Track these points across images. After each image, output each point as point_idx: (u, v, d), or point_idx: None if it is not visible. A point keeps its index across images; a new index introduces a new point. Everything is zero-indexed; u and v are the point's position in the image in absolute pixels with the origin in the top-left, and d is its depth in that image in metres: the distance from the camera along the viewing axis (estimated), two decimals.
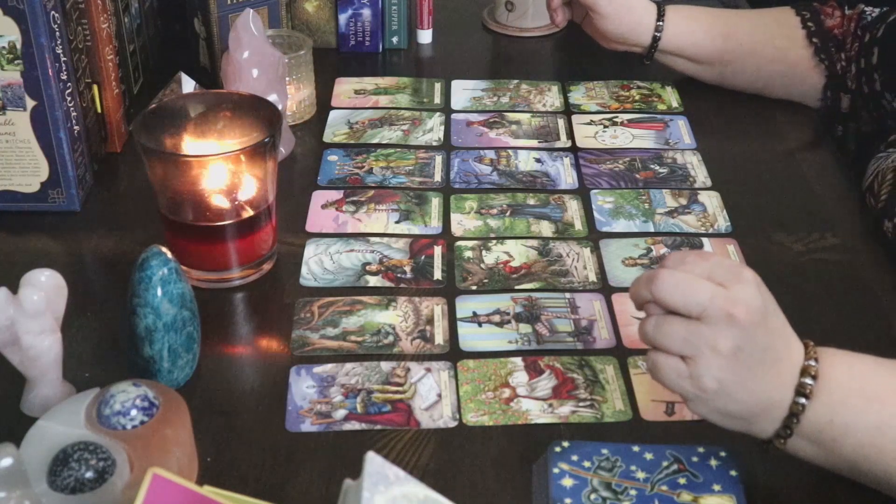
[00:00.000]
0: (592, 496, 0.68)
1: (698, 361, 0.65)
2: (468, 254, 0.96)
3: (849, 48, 1.12)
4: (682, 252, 0.68)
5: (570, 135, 1.15)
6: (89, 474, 0.64)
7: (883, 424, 0.66)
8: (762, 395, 0.67)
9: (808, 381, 0.67)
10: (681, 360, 0.66)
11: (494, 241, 0.98)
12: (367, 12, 1.29)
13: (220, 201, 0.89)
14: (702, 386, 0.66)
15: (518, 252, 0.96)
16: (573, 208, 1.02)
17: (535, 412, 0.79)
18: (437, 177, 1.07)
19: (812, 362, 0.67)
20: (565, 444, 0.72)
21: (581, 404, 0.80)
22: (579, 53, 1.30)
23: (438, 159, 1.10)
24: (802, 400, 0.66)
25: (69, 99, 0.96)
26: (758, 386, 0.66)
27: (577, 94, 1.23)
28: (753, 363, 0.65)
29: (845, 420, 0.67)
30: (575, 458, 0.71)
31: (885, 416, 0.67)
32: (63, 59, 0.95)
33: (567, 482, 0.69)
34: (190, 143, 0.90)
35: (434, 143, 1.13)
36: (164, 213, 0.89)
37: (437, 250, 0.96)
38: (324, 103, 1.19)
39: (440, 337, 0.86)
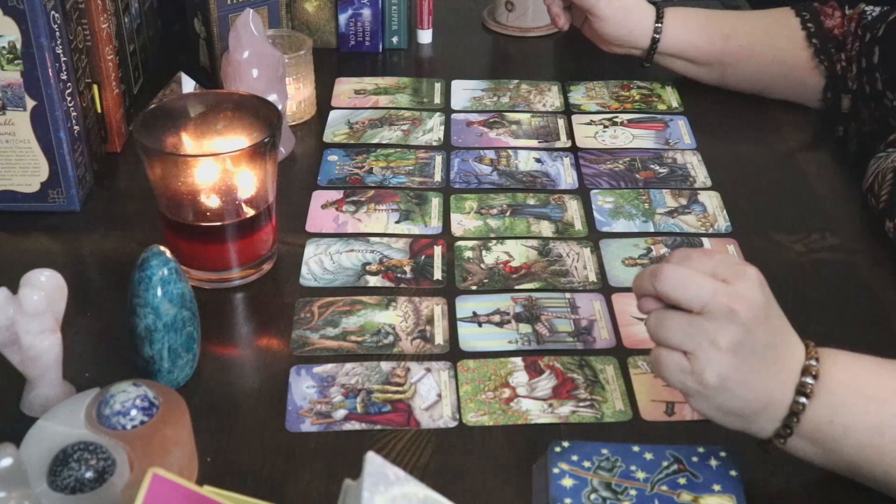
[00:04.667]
0: (592, 496, 0.68)
1: (699, 356, 0.65)
2: (468, 254, 0.96)
3: (849, 48, 1.12)
4: (687, 249, 0.68)
5: (570, 135, 1.15)
6: (89, 474, 0.64)
7: (883, 425, 0.67)
8: (763, 392, 0.67)
9: (809, 380, 0.67)
10: (683, 356, 0.66)
11: (494, 241, 0.98)
12: (367, 12, 1.29)
13: (219, 201, 0.89)
14: (703, 381, 0.66)
15: (518, 252, 0.96)
16: (573, 208, 1.02)
17: (535, 412, 0.79)
18: (437, 177, 1.07)
19: (813, 362, 0.67)
20: (565, 444, 0.72)
21: (581, 404, 0.80)
22: (579, 53, 1.30)
23: (438, 159, 1.10)
24: (803, 399, 0.66)
25: (69, 99, 0.96)
26: (758, 383, 0.66)
27: (577, 94, 1.23)
28: (754, 360, 0.65)
29: (845, 420, 0.67)
30: (575, 458, 0.71)
31: (885, 416, 0.67)
32: (63, 59, 0.95)
33: (567, 482, 0.69)
34: (190, 143, 0.90)
35: (434, 143, 1.13)
36: (164, 213, 0.89)
37: (437, 250, 0.96)
38: (324, 103, 1.19)
39: (440, 337, 0.86)
